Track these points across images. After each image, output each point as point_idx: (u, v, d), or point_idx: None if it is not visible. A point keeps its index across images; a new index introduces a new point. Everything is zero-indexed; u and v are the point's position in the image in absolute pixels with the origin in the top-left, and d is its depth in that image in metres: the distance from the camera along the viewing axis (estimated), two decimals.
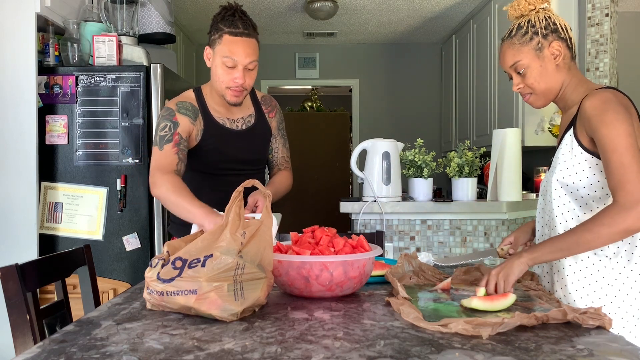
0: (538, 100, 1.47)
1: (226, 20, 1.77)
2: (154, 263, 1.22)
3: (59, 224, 2.64)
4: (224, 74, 1.78)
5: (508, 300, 1.23)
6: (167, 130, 1.80)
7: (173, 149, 1.79)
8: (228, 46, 1.75)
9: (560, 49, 1.41)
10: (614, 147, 1.28)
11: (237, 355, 0.91)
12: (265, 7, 4.65)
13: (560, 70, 1.43)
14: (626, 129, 1.29)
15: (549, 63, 1.42)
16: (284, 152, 2.10)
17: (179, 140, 1.80)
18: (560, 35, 1.42)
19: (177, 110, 1.84)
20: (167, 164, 1.77)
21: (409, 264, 1.56)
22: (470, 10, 4.76)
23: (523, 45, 1.43)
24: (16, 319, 1.29)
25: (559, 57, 1.42)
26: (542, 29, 1.41)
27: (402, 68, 6.05)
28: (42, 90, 2.63)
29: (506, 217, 2.73)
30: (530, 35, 1.42)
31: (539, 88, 1.44)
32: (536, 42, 1.41)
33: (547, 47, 1.41)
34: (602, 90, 1.37)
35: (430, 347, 0.94)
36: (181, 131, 1.81)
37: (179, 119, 1.83)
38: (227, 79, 1.79)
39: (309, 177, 6.26)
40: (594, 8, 3.43)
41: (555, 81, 1.44)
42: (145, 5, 3.07)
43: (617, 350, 0.93)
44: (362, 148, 2.72)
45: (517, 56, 1.44)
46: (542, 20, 1.42)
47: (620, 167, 1.27)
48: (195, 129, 1.86)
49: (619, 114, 1.31)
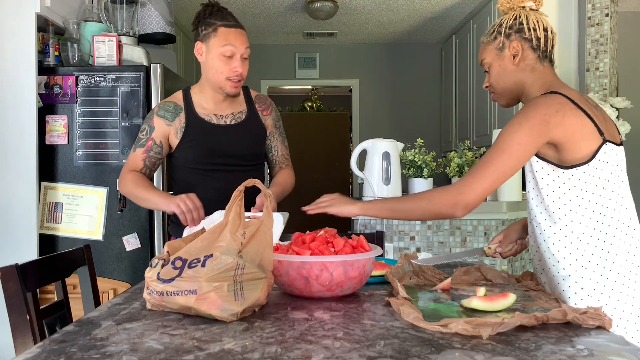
0: (499, 99, 1.48)
1: (216, 15, 1.84)
2: (154, 263, 1.22)
3: (59, 224, 2.64)
4: (223, 64, 1.83)
5: (508, 300, 1.23)
6: (144, 134, 1.93)
7: (142, 154, 1.92)
8: (225, 36, 1.81)
9: (518, 49, 1.41)
10: (497, 143, 1.32)
11: (237, 355, 0.91)
12: (265, 7, 4.65)
13: (521, 71, 1.42)
14: (520, 138, 1.29)
15: (508, 63, 1.42)
16: (283, 149, 2.10)
17: (150, 147, 1.91)
18: (524, 35, 1.41)
19: (157, 112, 1.93)
20: (134, 166, 1.92)
21: (409, 264, 1.56)
22: (470, 10, 4.76)
23: (488, 44, 1.44)
24: (16, 319, 1.29)
25: (517, 56, 1.41)
26: (506, 28, 1.41)
27: (402, 68, 6.05)
28: (42, 90, 2.63)
29: (506, 217, 2.73)
30: (495, 35, 1.43)
31: (497, 87, 1.45)
32: (498, 42, 1.42)
33: (508, 47, 1.42)
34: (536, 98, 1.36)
35: (430, 347, 0.94)
36: (155, 136, 1.91)
37: (156, 122, 1.92)
38: (227, 69, 1.83)
39: (309, 177, 6.25)
40: (594, 8, 3.43)
41: (512, 81, 1.43)
42: (145, 5, 3.07)
43: (617, 350, 0.93)
44: (362, 148, 2.72)
45: (482, 54, 1.46)
46: (510, 20, 1.42)
47: (483, 161, 1.32)
48: (174, 128, 1.92)
49: (527, 119, 1.30)
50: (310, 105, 7.14)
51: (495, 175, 1.31)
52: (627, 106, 2.97)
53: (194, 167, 1.94)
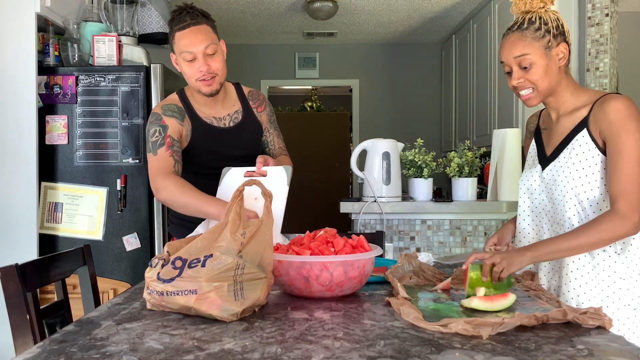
0: (537, 97, 1.47)
1: (175, 20, 1.78)
2: (154, 263, 1.22)
3: (59, 224, 2.64)
4: (189, 69, 1.79)
5: (508, 300, 1.23)
6: (158, 135, 1.80)
7: (167, 152, 1.79)
8: (181, 41, 1.76)
9: (565, 52, 1.45)
10: (630, 156, 1.33)
11: (237, 355, 0.91)
12: (265, 7, 4.65)
13: (561, 72, 1.46)
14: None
15: (554, 63, 1.44)
16: (280, 142, 2.09)
17: (171, 143, 1.80)
18: (567, 39, 1.46)
19: (163, 113, 1.84)
20: (165, 167, 1.76)
21: (409, 264, 1.56)
22: (470, 10, 4.76)
23: (535, 40, 1.43)
24: (16, 319, 1.29)
25: (563, 59, 1.45)
26: (554, 28, 1.43)
27: (402, 68, 6.05)
28: (42, 90, 2.63)
29: (506, 217, 2.73)
30: (543, 33, 1.43)
31: (542, 85, 1.45)
32: (547, 41, 1.43)
33: (555, 47, 1.43)
34: (620, 96, 1.41)
35: (430, 347, 0.94)
36: (171, 133, 1.81)
37: (167, 121, 1.83)
38: (193, 72, 1.79)
39: (309, 177, 6.26)
40: (594, 8, 3.43)
41: (556, 81, 1.46)
42: (145, 5, 3.07)
43: (617, 350, 0.93)
44: (362, 148, 2.72)
45: (527, 49, 1.43)
46: (555, 20, 1.44)
47: (629, 176, 1.32)
48: (185, 129, 1.86)
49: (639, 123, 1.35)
50: (310, 105, 7.13)
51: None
52: None
53: (197, 172, 1.90)
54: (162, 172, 1.75)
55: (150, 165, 1.79)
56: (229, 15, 4.82)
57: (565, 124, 1.48)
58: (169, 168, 1.76)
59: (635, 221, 1.31)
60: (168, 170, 1.76)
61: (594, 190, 1.42)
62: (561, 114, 1.50)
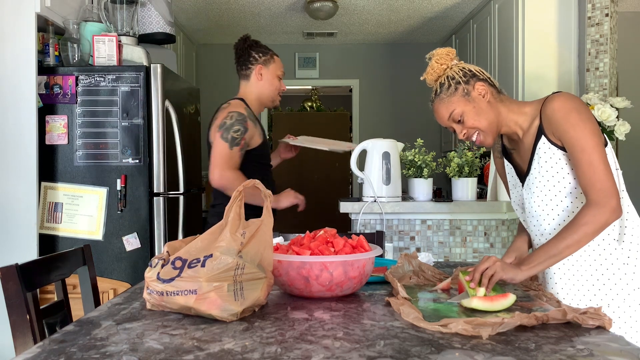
0: (487, 136, 1.52)
1: (262, 46, 2.39)
2: (154, 263, 1.22)
3: (59, 224, 2.64)
4: (278, 83, 2.41)
5: (508, 300, 1.23)
6: (239, 134, 2.21)
7: (239, 152, 2.22)
8: (279, 64, 2.42)
9: (484, 88, 1.49)
10: (583, 147, 1.36)
11: (237, 355, 0.91)
12: (265, 7, 4.65)
13: (493, 105, 1.50)
14: (591, 129, 1.37)
15: (480, 102, 1.49)
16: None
17: (244, 145, 2.23)
18: (479, 77, 1.50)
19: (248, 116, 2.26)
20: (234, 163, 2.21)
21: (409, 264, 1.56)
22: (470, 10, 4.76)
23: (452, 96, 1.50)
24: (16, 319, 1.29)
25: (486, 94, 1.49)
26: (461, 77, 1.49)
27: (402, 68, 6.05)
28: (42, 90, 2.63)
29: (506, 217, 2.73)
30: (454, 87, 1.49)
31: (482, 125, 1.50)
32: (462, 90, 1.49)
33: (473, 90, 1.49)
34: (558, 94, 1.43)
35: (430, 347, 0.94)
36: (247, 137, 2.24)
37: (249, 125, 2.24)
38: (278, 86, 2.41)
39: (309, 177, 6.26)
40: (594, 8, 3.43)
41: (494, 115, 1.50)
42: (145, 5, 3.07)
43: (617, 350, 0.93)
44: (362, 148, 2.72)
45: (450, 107, 1.50)
46: (459, 72, 1.50)
47: (589, 167, 1.35)
48: (256, 134, 2.29)
49: (581, 113, 1.38)
50: (310, 105, 7.13)
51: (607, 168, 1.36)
52: (627, 106, 2.97)
53: (260, 161, 2.34)
54: (231, 167, 2.18)
55: (221, 154, 2.18)
56: (229, 15, 4.82)
57: (527, 139, 1.52)
58: (236, 165, 2.21)
59: (613, 206, 1.33)
60: (235, 166, 2.21)
61: (570, 187, 1.44)
62: (521, 133, 1.53)
